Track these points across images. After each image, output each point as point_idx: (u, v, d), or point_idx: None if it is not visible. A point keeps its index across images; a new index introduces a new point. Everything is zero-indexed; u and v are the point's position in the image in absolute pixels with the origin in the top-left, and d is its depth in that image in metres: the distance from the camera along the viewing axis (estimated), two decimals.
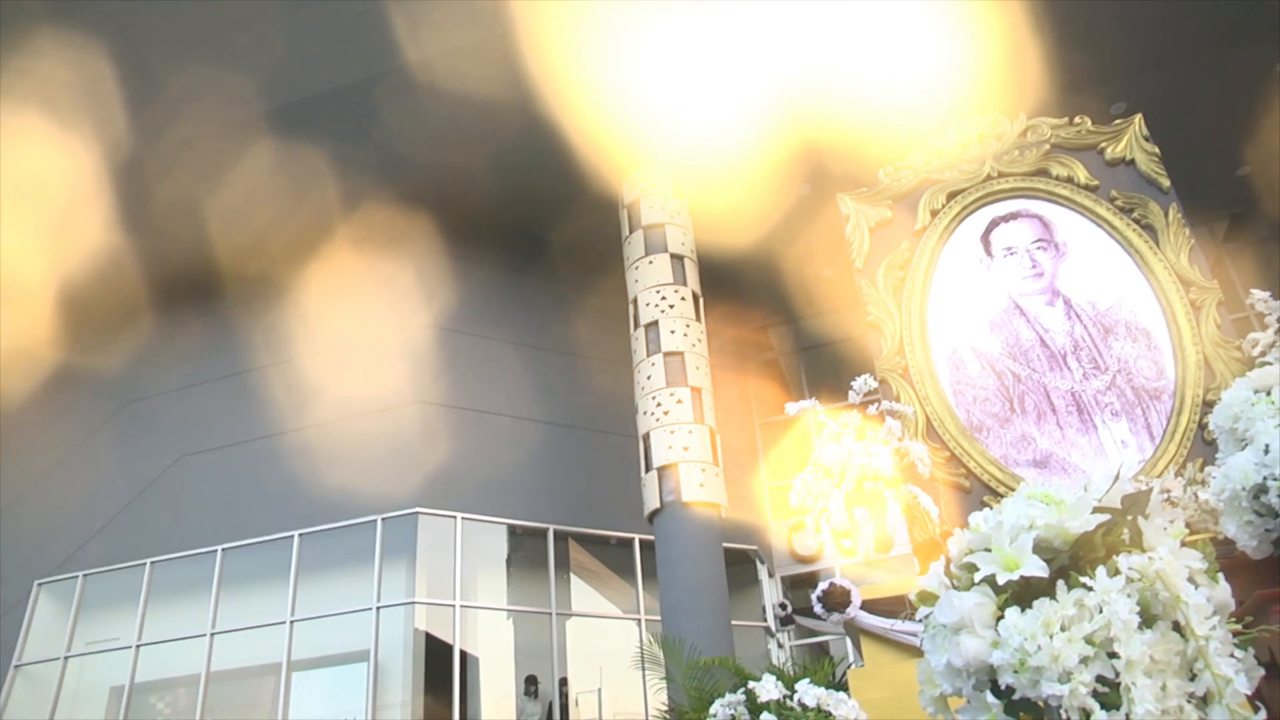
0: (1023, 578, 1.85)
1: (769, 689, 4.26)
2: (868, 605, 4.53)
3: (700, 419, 11.02)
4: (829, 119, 11.48)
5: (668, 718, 8.01)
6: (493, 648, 12.24)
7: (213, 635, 12.14)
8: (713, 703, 4.50)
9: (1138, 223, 5.33)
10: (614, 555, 13.44)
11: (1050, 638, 1.75)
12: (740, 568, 13.92)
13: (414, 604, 11.65)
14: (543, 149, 11.91)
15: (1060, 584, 1.83)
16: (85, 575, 13.30)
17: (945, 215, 5.79)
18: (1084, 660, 1.73)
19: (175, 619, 12.60)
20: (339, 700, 11.38)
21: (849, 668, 5.38)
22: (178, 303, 14.70)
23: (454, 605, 11.69)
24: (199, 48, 10.94)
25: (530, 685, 11.95)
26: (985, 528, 2.00)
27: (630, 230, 12.24)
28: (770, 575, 14.71)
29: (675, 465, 10.68)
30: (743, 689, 4.42)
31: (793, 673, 5.04)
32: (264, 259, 13.78)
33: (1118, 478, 2.00)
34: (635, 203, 12.28)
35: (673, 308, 11.55)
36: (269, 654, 11.80)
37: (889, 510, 4.67)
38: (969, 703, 1.92)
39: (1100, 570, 1.81)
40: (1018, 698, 1.80)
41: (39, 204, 12.37)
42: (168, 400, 14.40)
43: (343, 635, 11.69)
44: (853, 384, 4.90)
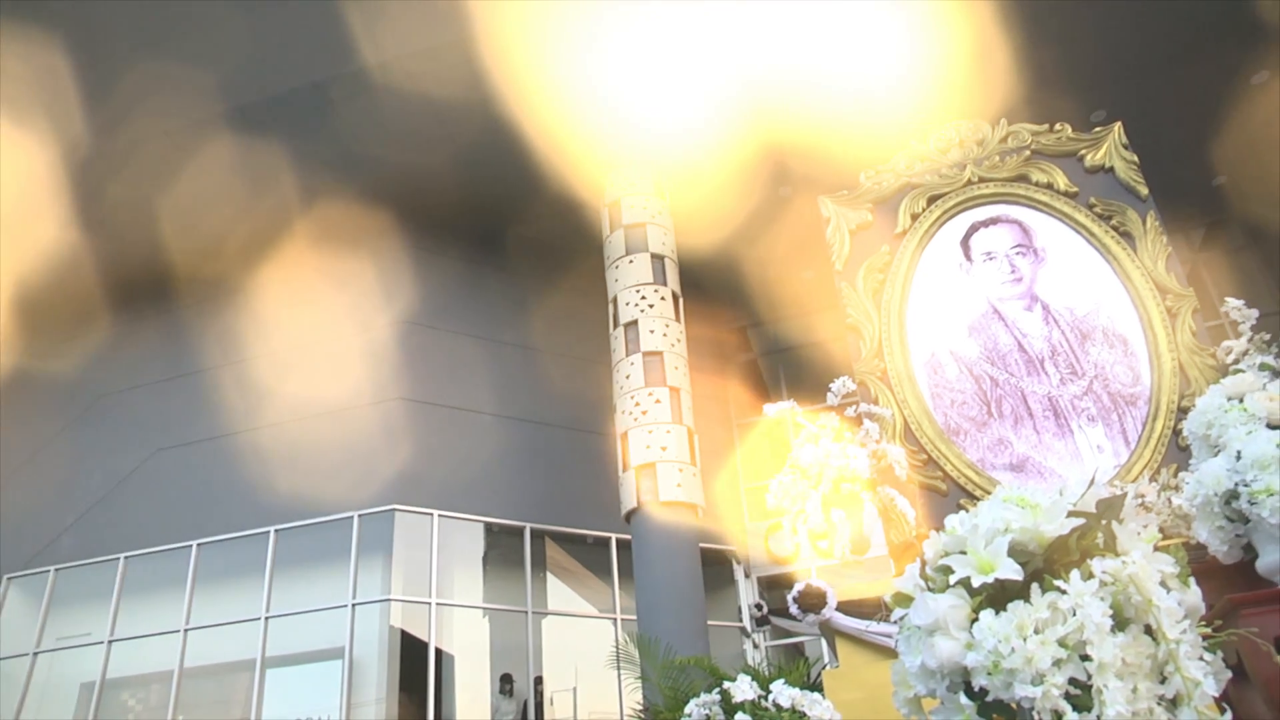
0: (997, 580, 1.86)
1: (744, 689, 4.26)
2: (843, 606, 4.53)
3: (679, 419, 11.03)
4: (805, 120, 11.50)
5: (642, 717, 8.01)
6: (468, 646, 12.21)
7: (186, 631, 12.06)
8: (688, 703, 4.50)
9: (1116, 230, 5.36)
10: (591, 554, 13.43)
11: (1024, 640, 1.76)
12: (717, 568, 13.95)
13: (389, 601, 11.61)
14: (507, 147, 11.87)
15: (1034, 587, 1.85)
16: (57, 570, 13.19)
17: (925, 219, 5.81)
18: (1057, 663, 1.74)
19: (149, 614, 12.50)
20: (313, 697, 11.32)
21: (824, 669, 5.39)
22: (155, 296, 14.59)
23: (430, 603, 11.65)
24: (157, 45, 10.81)
25: (505, 684, 11.92)
26: (961, 530, 2.01)
27: (611, 229, 12.24)
28: (746, 576, 14.75)
29: (653, 465, 10.68)
30: (718, 689, 4.42)
31: (768, 673, 5.04)
32: (239, 252, 13.69)
33: (1093, 482, 2.02)
34: (616, 202, 12.27)
35: (652, 307, 11.56)
36: (243, 650, 11.73)
37: (866, 512, 4.69)
38: (943, 704, 1.93)
39: (1074, 574, 1.83)
40: (991, 699, 1.82)
41: None
42: (143, 394, 14.28)
43: (318, 632, 11.64)
44: (831, 386, 4.91)
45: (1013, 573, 1.86)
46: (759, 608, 14.12)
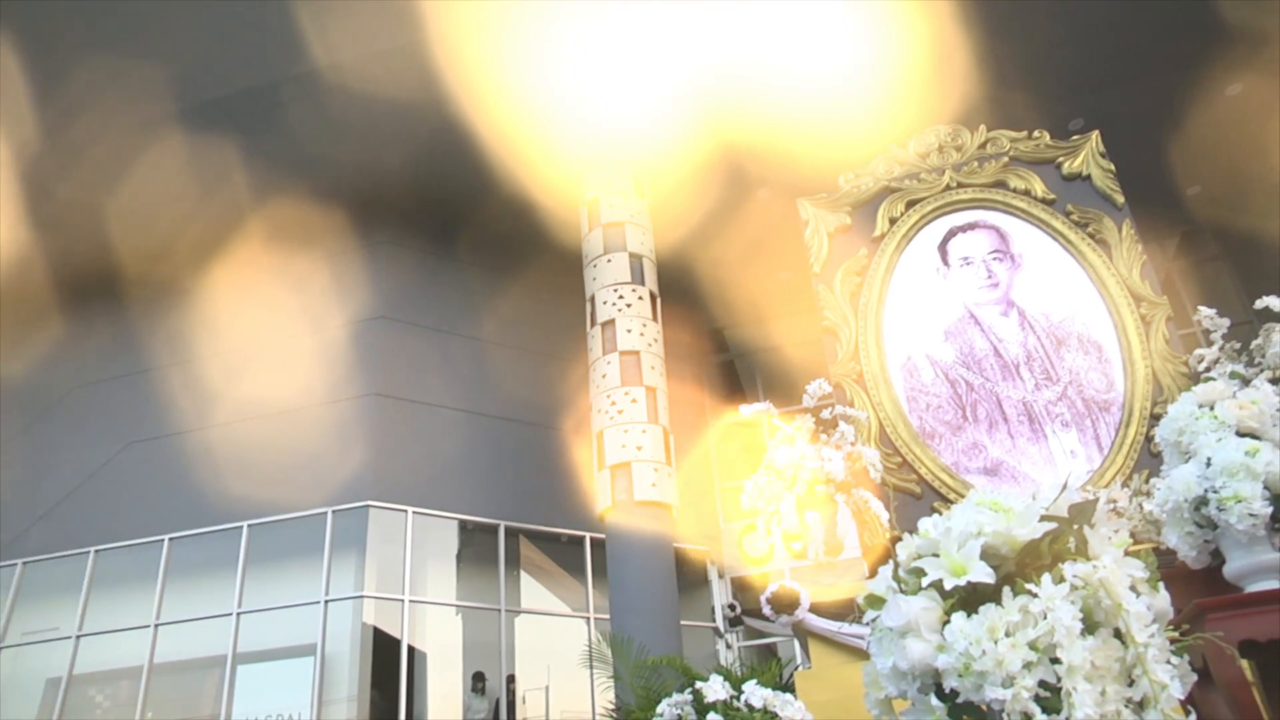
0: (969, 583, 1.88)
1: (716, 689, 4.26)
2: (816, 608, 4.55)
3: (654, 419, 11.03)
4: (774, 121, 11.54)
5: (615, 717, 8.00)
6: (441, 643, 12.16)
7: (157, 626, 11.95)
8: (660, 702, 4.50)
9: (1092, 237, 5.41)
10: (565, 553, 13.42)
11: (995, 643, 1.78)
12: (690, 568, 13.96)
13: (362, 598, 11.55)
14: (463, 146, 11.86)
15: (1006, 590, 1.86)
16: (25, 563, 13.04)
17: (904, 223, 5.85)
18: (1027, 665, 1.76)
19: (118, 609, 12.37)
20: (284, 694, 11.24)
21: (796, 669, 5.40)
22: (126, 287, 14.45)
23: (403, 600, 11.61)
24: (108, 43, 10.67)
25: (477, 682, 11.89)
26: (934, 533, 2.03)
27: (589, 228, 12.22)
28: (720, 576, 14.77)
29: (628, 464, 10.67)
30: (690, 689, 4.42)
31: (740, 673, 5.05)
32: (209, 245, 13.59)
33: (1065, 487, 2.03)
34: (595, 201, 12.25)
35: (630, 306, 11.54)
36: (214, 646, 11.63)
37: (840, 514, 4.71)
38: (913, 705, 1.94)
39: (1046, 577, 1.84)
40: (961, 701, 1.83)
41: None
42: (115, 387, 14.13)
43: (289, 628, 11.55)
44: (807, 388, 4.93)
45: (985, 576, 1.87)
46: (732, 608, 14.13)
